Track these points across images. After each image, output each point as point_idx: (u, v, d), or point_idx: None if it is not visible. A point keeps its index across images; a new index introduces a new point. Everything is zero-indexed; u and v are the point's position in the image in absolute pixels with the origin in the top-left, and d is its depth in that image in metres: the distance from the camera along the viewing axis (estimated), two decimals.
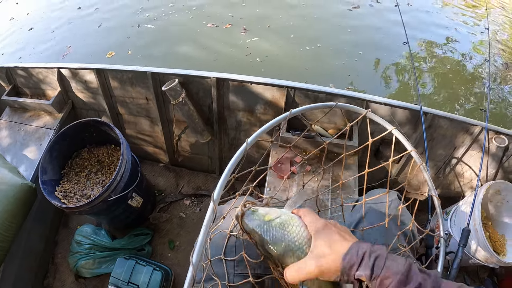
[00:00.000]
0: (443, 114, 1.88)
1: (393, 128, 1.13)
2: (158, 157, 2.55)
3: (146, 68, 2.02)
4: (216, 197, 0.74)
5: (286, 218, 0.74)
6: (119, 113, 2.32)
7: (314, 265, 0.63)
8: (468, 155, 2.03)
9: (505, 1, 5.41)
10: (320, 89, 1.91)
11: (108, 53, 3.88)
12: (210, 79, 1.96)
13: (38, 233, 2.06)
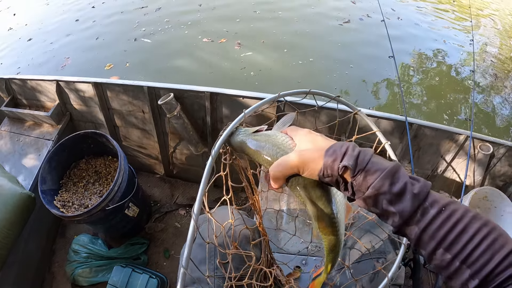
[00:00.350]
0: (428, 124, 1.97)
1: (377, 130, 1.22)
2: (154, 168, 2.62)
3: (143, 83, 2.11)
4: (196, 212, 0.81)
5: (271, 132, 0.74)
6: (116, 125, 2.39)
7: (296, 157, 0.59)
8: (454, 163, 2.11)
9: (495, 13, 5.62)
10: (310, 102, 2.00)
11: (107, 65, 3.96)
12: (204, 93, 2.05)
13: (35, 242, 2.11)
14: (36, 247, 2.13)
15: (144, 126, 2.32)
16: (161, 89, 2.09)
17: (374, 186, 0.50)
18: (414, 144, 2.05)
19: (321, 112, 2.03)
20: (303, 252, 1.60)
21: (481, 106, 3.72)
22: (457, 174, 2.18)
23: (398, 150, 2.11)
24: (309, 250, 1.59)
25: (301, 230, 1.69)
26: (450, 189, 2.29)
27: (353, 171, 0.52)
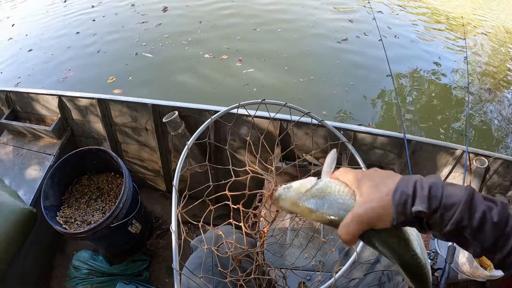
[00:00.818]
0: (425, 140, 2.03)
1: (346, 141, 1.33)
2: (156, 184, 2.63)
3: (147, 100, 2.13)
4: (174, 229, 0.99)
5: (323, 183, 0.67)
6: (118, 141, 2.41)
7: (364, 213, 0.54)
8: (451, 177, 2.16)
9: (488, 30, 5.79)
10: (309, 121, 2.05)
11: (110, 78, 4.00)
12: (209, 112, 2.08)
13: (35, 257, 2.10)
14: (36, 262, 2.12)
15: (146, 143, 2.34)
16: (166, 106, 2.12)
17: (453, 223, 0.48)
18: (412, 161, 2.11)
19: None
20: (308, 268, 1.62)
21: (476, 121, 3.85)
22: None
23: (396, 167, 2.16)
24: (314, 266, 1.62)
25: (305, 245, 1.70)
26: None
27: (429, 212, 0.49)
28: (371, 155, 2.16)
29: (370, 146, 2.10)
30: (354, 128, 2.05)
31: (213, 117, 1.23)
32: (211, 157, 2.26)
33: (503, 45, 5.45)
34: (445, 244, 1.99)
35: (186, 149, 1.17)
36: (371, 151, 2.13)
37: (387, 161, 2.18)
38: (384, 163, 2.20)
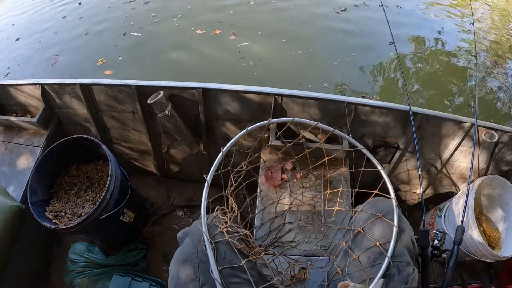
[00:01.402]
0: (432, 113, 1.89)
1: (334, 129, 1.30)
2: (148, 169, 2.54)
3: (131, 82, 2.01)
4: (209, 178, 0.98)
5: None
6: (106, 127, 2.30)
7: None
8: (459, 152, 2.04)
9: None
10: (308, 94, 1.92)
11: (99, 60, 3.86)
12: (196, 90, 1.96)
13: (30, 254, 2.04)
14: (32, 259, 2.06)
15: (135, 126, 2.23)
16: (150, 87, 2.00)
17: None
18: (417, 134, 1.98)
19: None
20: (308, 253, 1.53)
21: (481, 93, 3.64)
22: (460, 163, 2.12)
23: (401, 141, 2.04)
24: (314, 251, 1.54)
25: (305, 230, 1.63)
26: (454, 178, 2.21)
27: None
28: (375, 129, 2.03)
29: (373, 119, 1.97)
30: (355, 100, 1.91)
31: (248, 128, 1.22)
32: (201, 136, 2.14)
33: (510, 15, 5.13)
34: (453, 223, 1.88)
35: (220, 155, 1.12)
36: (375, 124, 2.00)
37: (391, 135, 2.06)
38: (388, 137, 2.07)
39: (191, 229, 1.10)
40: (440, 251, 1.40)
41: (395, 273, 0.99)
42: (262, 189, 1.79)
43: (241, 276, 0.97)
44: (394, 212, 1.07)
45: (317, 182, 1.82)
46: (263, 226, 1.64)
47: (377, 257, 1.03)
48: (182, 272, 0.98)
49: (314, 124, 1.26)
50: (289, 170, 1.87)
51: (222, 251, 0.99)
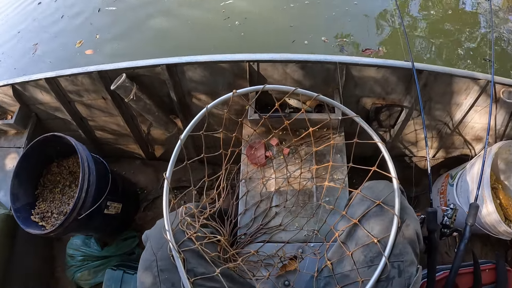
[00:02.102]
0: (440, 69, 1.68)
1: (318, 94, 1.07)
2: (134, 153, 2.47)
3: (92, 68, 1.89)
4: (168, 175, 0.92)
5: None
6: (83, 117, 2.22)
7: None
8: (473, 111, 1.85)
9: None
10: (288, 57, 1.70)
11: (78, 43, 3.71)
12: (160, 67, 1.82)
13: (31, 254, 2.07)
14: (34, 257, 2.10)
15: (110, 113, 2.14)
16: (112, 70, 1.87)
17: None
18: (424, 94, 1.77)
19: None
20: (298, 239, 1.42)
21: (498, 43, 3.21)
22: (476, 123, 1.93)
23: (406, 102, 1.83)
24: (306, 236, 1.42)
25: (294, 212, 1.49)
26: (467, 142, 2.04)
27: None
28: (373, 90, 1.82)
29: (371, 80, 1.76)
30: (346, 59, 1.67)
31: (208, 106, 1.04)
32: (177, 114, 2.03)
33: None
34: (466, 195, 1.68)
35: (179, 144, 1.00)
36: (373, 85, 1.79)
37: (393, 97, 1.85)
38: (390, 100, 1.87)
39: (151, 233, 1.01)
40: (451, 230, 1.26)
41: (395, 275, 0.85)
42: (244, 170, 1.64)
43: (206, 285, 0.88)
44: (396, 199, 0.92)
45: (308, 158, 1.64)
46: (248, 211, 1.52)
47: (375, 256, 0.90)
48: (144, 280, 0.91)
49: (292, 90, 1.06)
50: (275, 146, 1.69)
51: (188, 258, 0.89)
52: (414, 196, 2.14)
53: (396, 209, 0.90)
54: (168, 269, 0.87)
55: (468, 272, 1.34)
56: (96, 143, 2.41)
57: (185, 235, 0.93)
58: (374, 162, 1.00)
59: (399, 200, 0.91)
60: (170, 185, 0.95)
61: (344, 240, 1.00)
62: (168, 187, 0.97)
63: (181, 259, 0.85)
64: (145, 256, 0.94)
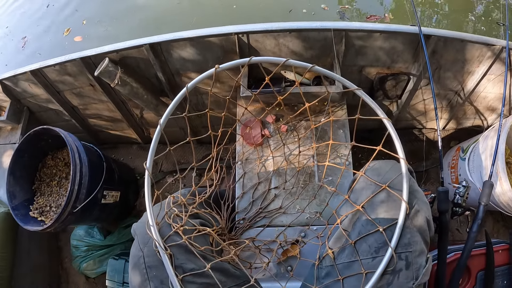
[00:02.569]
0: (450, 34, 1.53)
1: (313, 65, 0.93)
2: (130, 138, 2.40)
3: (75, 55, 1.80)
4: (148, 165, 0.84)
5: None
6: (75, 106, 2.15)
7: None
8: (486, 80, 1.71)
9: None
10: (280, 26, 1.56)
11: (65, 31, 3.60)
12: (143, 47, 1.72)
13: (38, 247, 2.07)
14: (41, 251, 2.09)
15: (100, 100, 2.06)
16: (96, 56, 1.78)
17: None
18: (433, 62, 1.64)
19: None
20: (300, 222, 1.34)
21: None
22: (489, 93, 1.79)
23: (414, 69, 1.69)
24: (308, 219, 1.34)
25: (295, 195, 1.40)
26: (480, 112, 1.91)
27: None
28: (377, 59, 1.67)
29: (373, 47, 1.61)
30: (344, 26, 1.52)
31: (188, 85, 0.93)
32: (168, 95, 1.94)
33: None
34: (479, 170, 1.55)
35: (158, 129, 0.90)
36: (376, 53, 1.64)
37: (399, 66, 1.71)
38: (396, 68, 1.72)
39: (138, 226, 0.94)
40: (463, 209, 1.18)
41: (402, 267, 0.77)
42: (240, 151, 1.55)
43: (197, 281, 0.81)
44: (404, 183, 0.81)
45: (308, 134, 1.53)
46: (245, 195, 1.44)
47: (380, 247, 0.81)
48: (133, 277, 0.85)
49: (283, 61, 0.93)
50: (271, 124, 1.58)
51: (175, 254, 0.82)
52: (423, 170, 2.04)
53: (404, 194, 0.80)
54: (156, 266, 0.81)
55: (480, 253, 1.24)
56: (91, 131, 2.35)
57: (171, 228, 0.86)
58: (378, 136, 0.90)
59: (408, 184, 0.81)
60: (167, 168, 0.87)
61: (346, 227, 0.92)
62: (149, 178, 0.89)
63: (167, 255, 0.79)
64: (133, 251, 0.88)
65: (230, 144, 1.48)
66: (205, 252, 0.87)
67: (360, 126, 0.89)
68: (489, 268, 1.22)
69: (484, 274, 1.23)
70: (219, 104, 2.01)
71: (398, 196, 0.81)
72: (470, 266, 1.21)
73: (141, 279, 0.82)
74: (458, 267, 1.13)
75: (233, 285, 0.88)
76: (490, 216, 1.96)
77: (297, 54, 1.68)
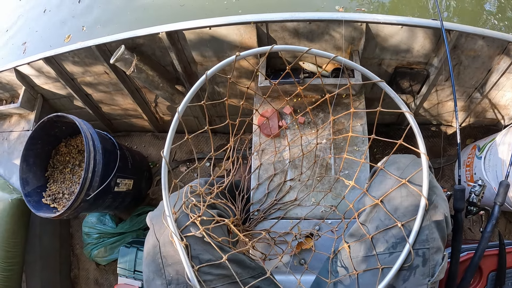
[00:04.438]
0: (472, 30, 1.45)
1: (336, 55, 0.86)
2: (144, 126, 2.34)
3: (90, 42, 1.74)
4: (166, 154, 0.81)
5: None
6: (88, 94, 2.10)
7: None
8: (504, 79, 1.64)
9: None
10: (300, 16, 1.48)
11: (66, 38, 3.53)
12: (160, 34, 1.65)
13: (49, 234, 2.03)
14: (52, 237, 2.06)
15: (115, 87, 2.00)
16: (111, 43, 1.72)
17: None
18: (454, 57, 1.56)
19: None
20: (315, 215, 1.29)
21: None
22: (507, 91, 1.72)
23: (434, 64, 1.61)
24: (323, 213, 1.28)
25: (311, 188, 1.35)
26: (498, 110, 1.83)
27: None
28: (396, 52, 1.60)
29: (394, 41, 1.54)
30: (367, 18, 1.45)
31: (208, 72, 0.89)
32: (184, 84, 1.88)
33: None
34: (495, 170, 1.47)
35: (176, 117, 0.87)
36: (397, 47, 1.57)
37: (419, 61, 1.63)
38: (416, 63, 1.65)
39: (154, 215, 0.90)
40: (477, 208, 1.11)
41: (419, 264, 0.73)
42: (256, 142, 1.48)
43: (213, 273, 0.78)
44: (424, 178, 0.76)
45: (326, 126, 1.46)
46: (261, 186, 1.39)
47: (398, 242, 0.77)
48: (148, 266, 0.81)
49: (305, 50, 0.87)
50: (289, 115, 1.51)
51: (192, 244, 0.78)
52: (438, 167, 1.97)
53: (424, 190, 0.75)
54: (172, 256, 0.78)
55: (492, 254, 1.19)
56: (104, 119, 2.29)
57: (189, 218, 0.81)
58: (395, 130, 0.85)
59: (428, 180, 0.76)
60: (180, 157, 0.82)
61: (363, 221, 0.87)
62: (166, 167, 0.84)
63: (183, 245, 0.74)
64: (149, 240, 0.84)
65: (246, 135, 1.42)
66: (222, 243, 0.82)
67: (377, 120, 0.84)
68: (501, 269, 1.18)
69: (495, 275, 1.19)
70: (236, 95, 1.95)
71: (418, 192, 0.77)
72: (482, 266, 1.17)
73: (156, 268, 0.79)
74: (471, 266, 1.08)
75: (248, 277, 0.84)
76: (503, 217, 1.89)
77: (317, 45, 1.60)
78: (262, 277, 0.83)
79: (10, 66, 2.01)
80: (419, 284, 0.73)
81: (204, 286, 0.74)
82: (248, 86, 1.09)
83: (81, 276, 2.12)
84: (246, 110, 1.19)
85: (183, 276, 0.75)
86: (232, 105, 1.67)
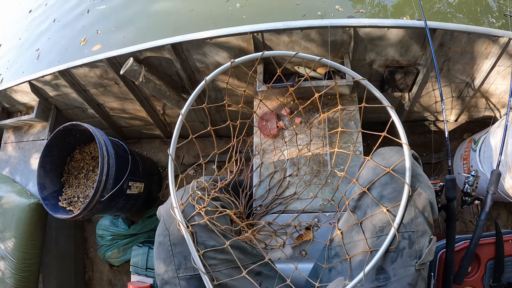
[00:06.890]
0: (455, 27, 1.50)
1: (320, 58, 0.93)
2: (153, 133, 2.41)
3: (101, 55, 1.82)
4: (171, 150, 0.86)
5: None
6: (99, 103, 2.18)
7: None
8: (495, 72, 1.68)
9: None
10: (293, 25, 1.56)
11: (82, 41, 3.62)
12: (165, 47, 1.74)
13: (65, 237, 2.09)
14: (67, 240, 2.12)
15: (125, 96, 2.08)
16: (121, 56, 1.80)
17: None
18: (442, 54, 1.61)
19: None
20: (314, 208, 1.35)
21: None
22: (499, 85, 1.76)
23: (422, 62, 1.68)
24: (321, 206, 1.34)
25: (308, 182, 1.41)
26: (491, 103, 1.87)
27: None
28: (385, 53, 1.66)
29: (382, 42, 1.60)
30: (353, 22, 1.51)
31: (207, 78, 0.95)
32: (189, 92, 1.96)
33: None
34: (490, 161, 1.51)
35: (180, 119, 0.93)
36: (385, 48, 1.63)
37: (408, 59, 1.69)
38: (406, 62, 1.71)
39: (163, 208, 0.96)
40: (472, 198, 1.16)
41: (405, 246, 0.77)
42: (257, 142, 1.56)
43: (217, 257, 0.84)
44: (407, 166, 0.81)
45: (320, 126, 1.53)
46: (262, 183, 1.46)
47: (385, 226, 0.81)
48: (158, 254, 0.87)
49: (293, 54, 0.94)
50: (286, 116, 1.58)
51: (198, 232, 0.85)
52: (436, 162, 2.03)
53: (406, 176, 0.80)
54: (180, 243, 0.84)
55: (491, 242, 1.22)
56: (115, 127, 2.37)
57: (195, 209, 0.88)
58: (390, 127, 0.91)
59: (410, 167, 0.81)
60: (188, 161, 0.89)
61: (353, 208, 0.92)
62: (172, 163, 0.91)
63: (189, 232, 0.81)
64: (159, 231, 0.90)
65: (248, 137, 1.49)
66: (225, 231, 0.89)
67: (374, 119, 0.91)
68: (499, 257, 1.21)
69: (494, 263, 1.22)
70: (238, 100, 2.03)
71: (401, 178, 0.81)
72: (480, 254, 1.19)
73: (166, 255, 0.85)
74: (467, 254, 1.11)
75: (250, 263, 0.90)
76: (505, 208, 1.91)
77: (310, 51, 1.68)
78: (261, 262, 0.90)
79: (24, 80, 2.08)
80: (407, 265, 0.77)
81: (209, 269, 0.80)
82: (245, 89, 1.16)
83: (95, 278, 2.17)
84: (248, 114, 1.26)
85: (190, 261, 0.82)
86: (234, 108, 1.75)
